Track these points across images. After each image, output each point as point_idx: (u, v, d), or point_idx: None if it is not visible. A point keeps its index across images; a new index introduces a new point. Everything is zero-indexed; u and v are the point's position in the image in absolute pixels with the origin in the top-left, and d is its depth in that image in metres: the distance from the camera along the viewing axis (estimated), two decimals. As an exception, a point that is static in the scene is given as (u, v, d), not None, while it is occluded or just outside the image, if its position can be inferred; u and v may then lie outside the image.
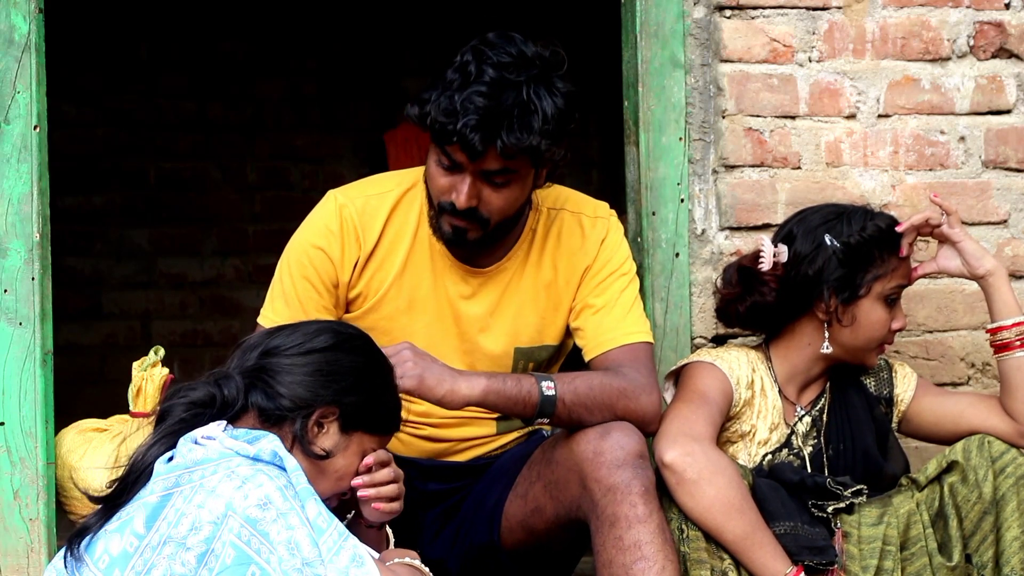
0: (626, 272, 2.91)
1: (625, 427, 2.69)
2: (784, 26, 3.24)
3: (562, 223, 2.92)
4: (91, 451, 2.99)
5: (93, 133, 6.35)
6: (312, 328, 2.47)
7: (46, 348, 2.94)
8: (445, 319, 2.89)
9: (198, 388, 2.39)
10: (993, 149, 3.31)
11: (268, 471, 2.25)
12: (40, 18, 2.95)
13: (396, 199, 2.89)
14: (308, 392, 2.38)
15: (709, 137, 3.21)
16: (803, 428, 2.95)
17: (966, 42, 3.31)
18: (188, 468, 2.25)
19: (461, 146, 2.66)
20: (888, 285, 2.90)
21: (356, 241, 2.85)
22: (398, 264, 2.87)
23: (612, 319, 2.86)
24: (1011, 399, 2.90)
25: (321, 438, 2.39)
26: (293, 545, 2.19)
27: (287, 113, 6.48)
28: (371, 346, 2.50)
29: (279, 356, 2.41)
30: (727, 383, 2.88)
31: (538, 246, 2.91)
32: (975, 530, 2.81)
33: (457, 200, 2.72)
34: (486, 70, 2.65)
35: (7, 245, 2.92)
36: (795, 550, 2.70)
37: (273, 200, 6.44)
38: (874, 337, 2.91)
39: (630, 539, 2.60)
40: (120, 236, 6.40)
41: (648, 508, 2.62)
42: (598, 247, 2.90)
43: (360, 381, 2.43)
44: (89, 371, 6.22)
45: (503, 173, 2.71)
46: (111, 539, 2.24)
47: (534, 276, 2.91)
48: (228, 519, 2.18)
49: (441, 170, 2.73)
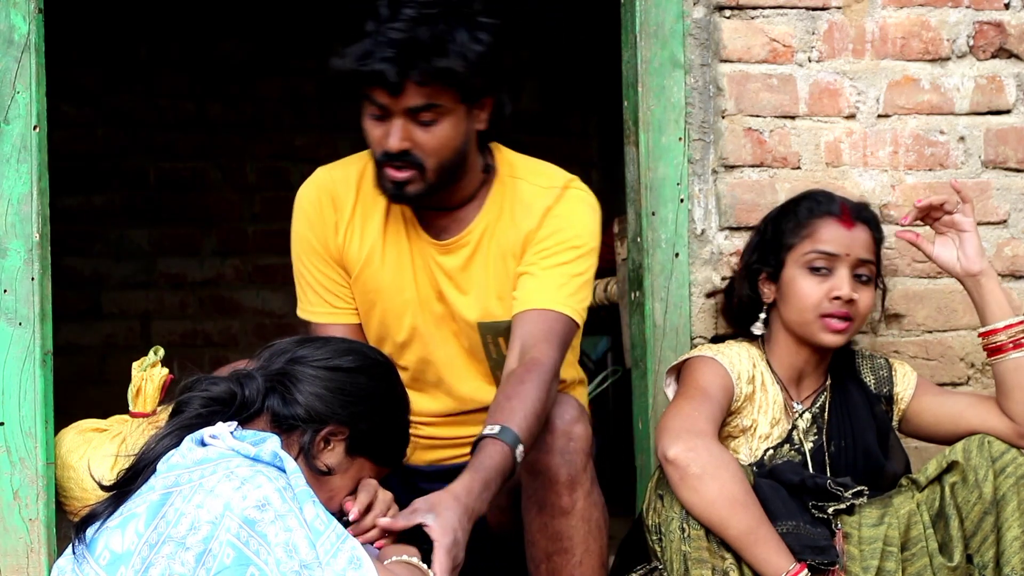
0: (577, 246, 2.85)
1: (557, 404, 2.67)
2: (784, 26, 3.24)
3: (518, 192, 2.91)
4: (91, 451, 2.99)
5: (93, 133, 6.34)
6: (343, 346, 2.48)
7: (46, 348, 2.94)
8: (425, 283, 2.91)
9: (219, 384, 2.40)
10: (993, 149, 3.31)
11: (268, 472, 2.25)
12: (40, 18, 2.95)
13: (363, 166, 2.93)
14: (324, 407, 2.39)
15: (709, 137, 3.21)
16: (803, 424, 2.95)
17: (966, 42, 3.31)
18: (188, 468, 2.26)
19: (380, 84, 2.68)
20: (802, 252, 2.88)
21: (332, 204, 2.92)
22: (375, 224, 2.91)
23: (544, 284, 2.80)
24: (1008, 400, 2.90)
25: (326, 454, 2.40)
26: (291, 547, 2.19)
27: (287, 113, 6.48)
28: (393, 376, 2.52)
29: (304, 366, 2.42)
30: (728, 378, 2.88)
31: (497, 217, 2.91)
32: (976, 530, 2.81)
33: (390, 144, 2.73)
34: (403, 10, 2.68)
35: (7, 245, 2.92)
36: (798, 549, 2.69)
37: (273, 200, 6.43)
38: (806, 307, 2.87)
39: (553, 528, 2.66)
40: (120, 236, 6.39)
41: (572, 498, 2.65)
42: (542, 215, 2.87)
43: (376, 408, 2.45)
44: (89, 371, 6.22)
45: (428, 109, 2.71)
46: (112, 536, 2.25)
47: (492, 248, 2.90)
48: (226, 519, 2.18)
49: (373, 122, 2.75)
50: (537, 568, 2.72)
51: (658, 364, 3.14)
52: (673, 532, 2.70)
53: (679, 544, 2.69)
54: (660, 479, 2.79)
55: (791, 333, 2.93)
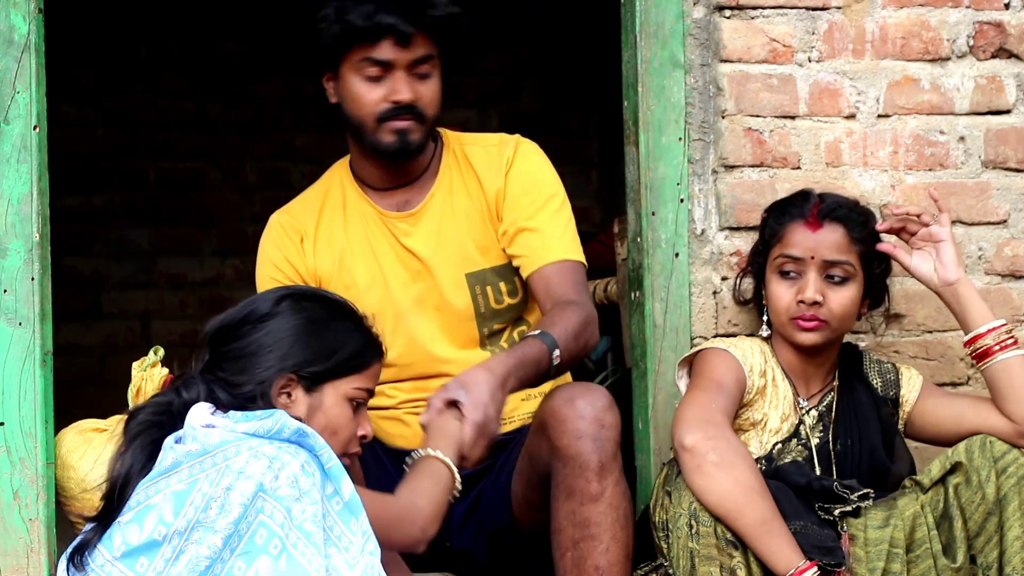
0: (556, 193, 3.03)
1: (589, 392, 2.73)
2: (784, 26, 3.24)
3: (471, 154, 3.07)
4: (91, 451, 2.98)
5: (93, 133, 6.34)
6: (243, 307, 2.49)
7: (46, 348, 2.94)
8: (398, 267, 3.01)
9: (162, 395, 2.43)
10: (993, 149, 3.31)
11: (289, 448, 2.25)
12: (40, 18, 2.95)
13: (323, 190, 3.10)
14: (261, 369, 2.39)
15: (709, 137, 3.21)
16: (810, 421, 2.95)
17: (966, 42, 3.31)
18: (210, 453, 2.25)
19: (395, 36, 2.84)
20: (773, 257, 2.94)
21: (297, 232, 3.05)
22: (339, 235, 3.03)
23: (545, 236, 2.97)
24: (1005, 402, 2.90)
25: (294, 406, 2.39)
26: (318, 519, 2.20)
27: (287, 113, 6.48)
28: (303, 299, 2.49)
29: (223, 344, 2.44)
30: (740, 371, 2.89)
31: (454, 177, 3.05)
32: (979, 531, 2.81)
33: (401, 96, 2.89)
34: None
35: (7, 245, 2.92)
36: (806, 548, 2.70)
37: (273, 200, 6.38)
38: (779, 311, 2.92)
39: (581, 515, 2.67)
40: (120, 236, 6.39)
41: (602, 485, 2.67)
42: (505, 169, 3.02)
43: (302, 339, 2.42)
44: (89, 371, 6.21)
45: (428, 60, 2.91)
46: (127, 529, 2.25)
47: (459, 204, 3.03)
48: (258, 500, 2.18)
49: (368, 85, 2.90)
50: (563, 556, 2.71)
51: (658, 364, 3.14)
52: (681, 528, 2.70)
53: (686, 541, 2.70)
54: (667, 476, 2.79)
55: (778, 334, 2.96)
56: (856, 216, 2.95)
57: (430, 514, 2.42)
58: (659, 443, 3.11)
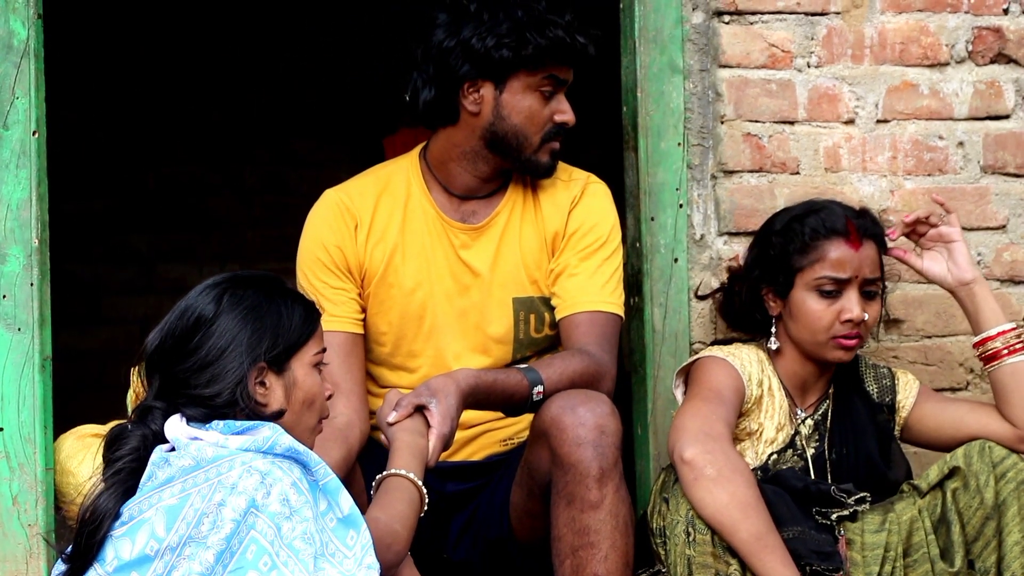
0: (609, 241, 3.00)
1: (590, 399, 2.72)
2: (783, 31, 3.24)
3: (539, 184, 3.04)
4: (90, 457, 2.98)
5: (92, 138, 6.34)
6: (181, 314, 2.37)
7: (45, 354, 2.94)
8: (447, 278, 2.97)
9: (131, 436, 2.35)
10: (991, 154, 3.31)
11: (281, 464, 2.24)
12: (39, 24, 2.95)
13: (385, 179, 3.03)
14: (225, 376, 2.32)
15: (708, 142, 3.21)
16: (806, 430, 2.95)
17: (964, 47, 3.31)
18: (203, 467, 2.24)
19: (579, 57, 2.90)
20: (812, 277, 2.87)
21: (352, 218, 2.96)
22: (394, 231, 2.97)
23: (586, 283, 2.95)
24: (1008, 406, 2.90)
25: (271, 395, 2.35)
26: (309, 536, 2.19)
27: (286, 118, 6.48)
28: (236, 293, 2.40)
29: (179, 362, 2.34)
30: (739, 380, 2.88)
31: (524, 201, 3.02)
32: (977, 536, 2.81)
33: (568, 117, 2.94)
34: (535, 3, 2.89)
35: (6, 251, 2.92)
36: (804, 553, 2.69)
37: (272, 205, 6.43)
38: (817, 329, 2.88)
39: (581, 523, 2.67)
40: (119, 241, 6.39)
41: (602, 492, 2.67)
42: (568, 209, 3.00)
43: (254, 328, 2.36)
44: (88, 376, 6.21)
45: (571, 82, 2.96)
46: (120, 543, 2.24)
47: (523, 229, 3.00)
48: (249, 516, 2.18)
49: (541, 101, 2.91)
50: (562, 564, 2.71)
51: (657, 370, 3.14)
52: (678, 536, 2.70)
53: (683, 548, 2.69)
54: (665, 482, 2.79)
55: (799, 348, 2.93)
56: (881, 230, 2.95)
57: (405, 540, 2.44)
58: (658, 448, 3.11)
